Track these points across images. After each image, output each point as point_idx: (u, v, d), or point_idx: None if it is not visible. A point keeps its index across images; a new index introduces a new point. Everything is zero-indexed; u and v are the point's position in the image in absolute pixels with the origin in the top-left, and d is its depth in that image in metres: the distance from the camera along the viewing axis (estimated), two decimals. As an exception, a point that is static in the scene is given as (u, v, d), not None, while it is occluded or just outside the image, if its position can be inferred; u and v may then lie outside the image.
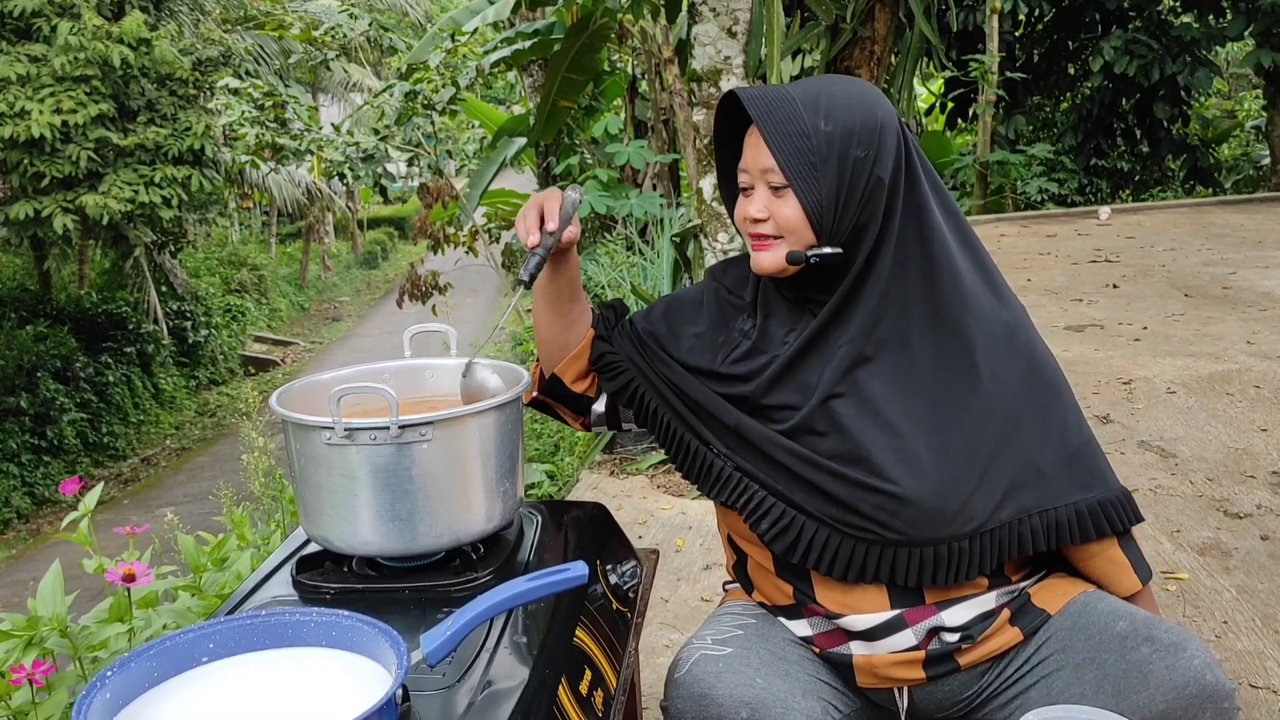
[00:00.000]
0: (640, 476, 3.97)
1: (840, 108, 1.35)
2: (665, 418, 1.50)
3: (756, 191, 1.40)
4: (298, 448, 1.33)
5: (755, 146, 1.38)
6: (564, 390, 1.55)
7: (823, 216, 1.35)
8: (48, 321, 14.53)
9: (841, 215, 1.35)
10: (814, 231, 1.36)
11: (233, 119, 14.07)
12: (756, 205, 1.39)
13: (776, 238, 1.39)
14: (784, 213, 1.37)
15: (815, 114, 1.34)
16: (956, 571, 1.35)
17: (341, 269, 25.78)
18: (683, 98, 4.22)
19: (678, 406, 1.48)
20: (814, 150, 1.33)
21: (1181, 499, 3.39)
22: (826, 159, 1.34)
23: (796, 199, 1.35)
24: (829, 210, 1.35)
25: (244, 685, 1.02)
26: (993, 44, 12.61)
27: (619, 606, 1.44)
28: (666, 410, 1.49)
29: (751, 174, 1.39)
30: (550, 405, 1.59)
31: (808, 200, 1.35)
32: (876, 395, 1.37)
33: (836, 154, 1.34)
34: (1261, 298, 6.46)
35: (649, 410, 1.51)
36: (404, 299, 8.18)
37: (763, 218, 1.38)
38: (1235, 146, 15.95)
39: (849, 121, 1.35)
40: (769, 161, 1.36)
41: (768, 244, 1.39)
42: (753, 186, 1.40)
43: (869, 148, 1.35)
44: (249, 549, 2.25)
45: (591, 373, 1.54)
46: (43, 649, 1.68)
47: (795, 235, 1.37)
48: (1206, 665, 1.27)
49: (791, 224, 1.36)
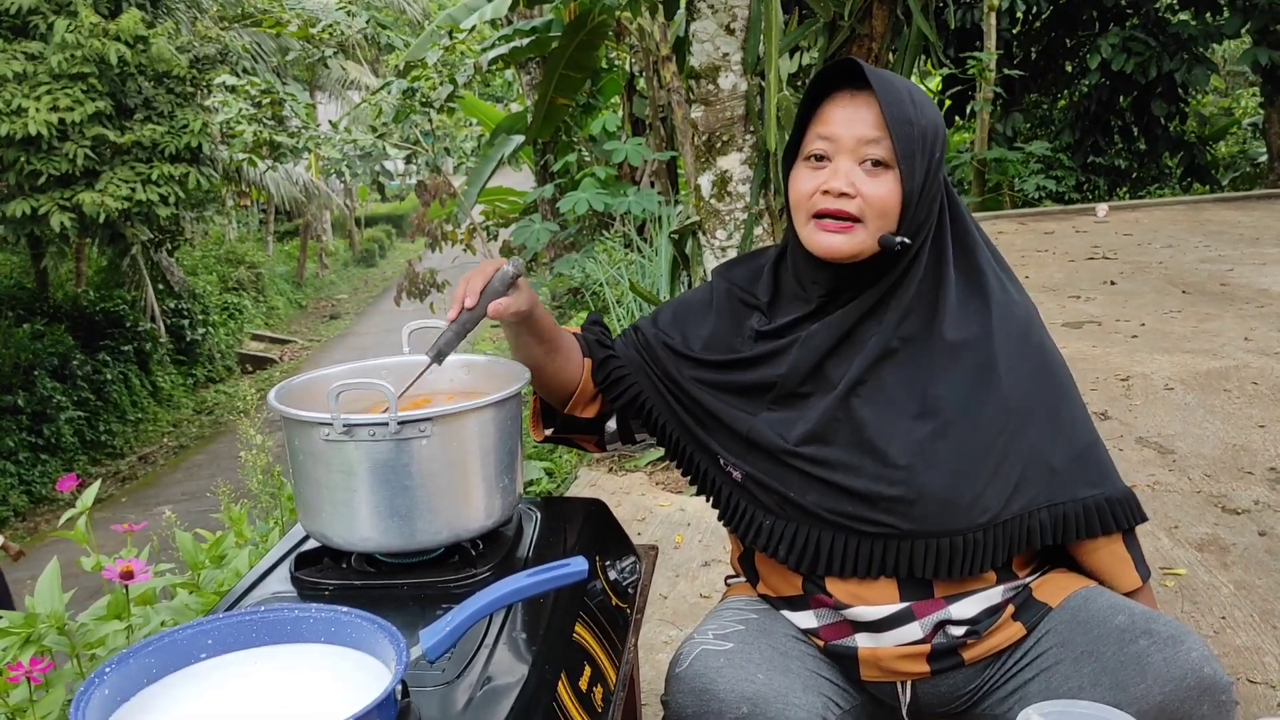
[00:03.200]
0: (639, 473, 3.97)
1: (928, 107, 1.37)
2: (674, 433, 1.50)
3: (840, 164, 1.35)
4: (296, 444, 1.33)
5: (852, 119, 1.34)
6: (578, 422, 1.55)
7: (911, 204, 1.34)
8: (45, 320, 14.50)
9: (921, 207, 1.36)
10: (899, 218, 1.35)
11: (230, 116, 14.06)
12: (843, 178, 1.34)
13: (856, 220, 1.35)
14: (877, 192, 1.33)
15: (914, 105, 1.34)
16: (969, 563, 1.35)
17: (339, 267, 25.76)
18: (680, 95, 4.21)
19: (685, 419, 1.48)
20: (915, 139, 1.33)
21: (1179, 495, 3.39)
22: (923, 150, 1.34)
23: (896, 180, 1.33)
24: (917, 199, 1.34)
25: (243, 681, 1.02)
26: (990, 41, 12.62)
27: (618, 602, 1.44)
28: (675, 424, 1.49)
29: (840, 143, 1.34)
30: (568, 438, 1.59)
31: (907, 183, 1.33)
32: (895, 387, 1.38)
33: (928, 148, 1.34)
34: (1259, 294, 6.47)
35: (657, 424, 1.51)
36: (402, 296, 8.18)
37: (850, 193, 1.34)
38: (1232, 144, 15.96)
39: (934, 121, 1.36)
40: (873, 133, 1.33)
41: (846, 227, 1.35)
42: (829, 159, 1.36)
43: (940, 150, 1.37)
44: (247, 546, 2.25)
45: (599, 395, 1.54)
46: (40, 646, 1.67)
47: (883, 219, 1.34)
48: (1204, 658, 1.27)
49: (883, 205, 1.33)
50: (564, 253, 8.25)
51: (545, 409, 1.57)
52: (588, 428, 1.56)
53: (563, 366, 1.49)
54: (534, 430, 1.58)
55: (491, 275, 1.33)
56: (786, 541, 1.40)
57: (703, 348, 1.48)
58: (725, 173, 3.82)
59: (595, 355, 1.52)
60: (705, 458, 1.48)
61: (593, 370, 1.52)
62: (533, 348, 1.45)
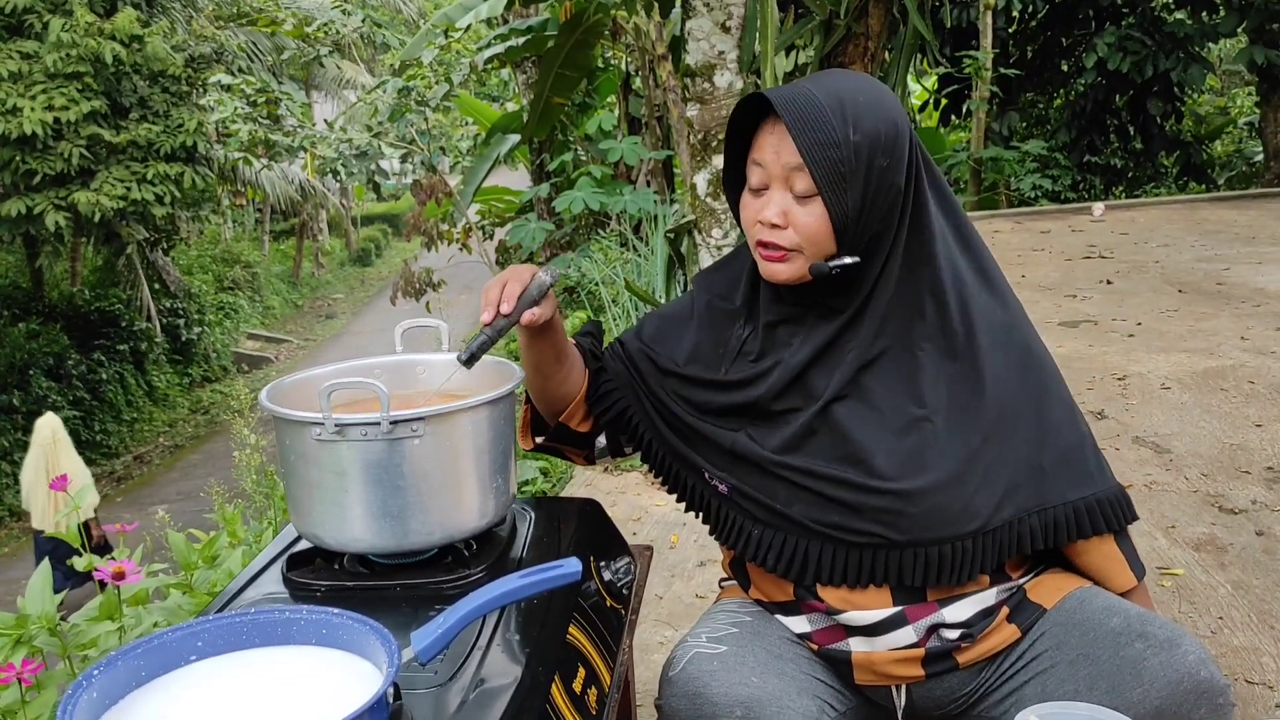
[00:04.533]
0: (634, 473, 3.96)
1: (866, 116, 1.31)
2: (659, 450, 1.49)
3: (773, 194, 1.34)
4: (288, 444, 1.32)
5: (778, 145, 1.32)
6: (570, 433, 1.53)
7: (847, 228, 1.31)
8: (40, 319, 14.48)
9: (863, 226, 1.32)
10: (836, 242, 1.32)
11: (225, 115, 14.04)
12: (774, 210, 1.33)
13: (793, 250, 1.33)
14: (806, 222, 1.32)
15: (844, 122, 1.29)
16: (960, 571, 1.34)
17: (335, 266, 25.75)
18: (676, 94, 4.20)
19: (669, 437, 1.47)
20: (844, 161, 1.29)
21: (1176, 495, 3.38)
22: (855, 170, 1.29)
23: (824, 209, 1.31)
24: (853, 221, 1.31)
25: (233, 684, 1.01)
26: (986, 40, 12.63)
27: (613, 603, 1.43)
28: (660, 443, 1.49)
29: (770, 171, 1.33)
30: (556, 448, 1.58)
31: (835, 211, 1.30)
32: (879, 395, 1.36)
33: (864, 164, 1.30)
34: (1255, 293, 6.47)
35: (642, 440, 1.51)
36: (398, 296, 8.18)
37: (781, 225, 1.33)
38: (1228, 143, 16.00)
39: (875, 131, 1.31)
40: (795, 160, 1.30)
41: (782, 255, 1.34)
42: (767, 186, 1.35)
43: (890, 157, 1.32)
44: (240, 547, 2.24)
45: (590, 410, 1.53)
46: (31, 647, 1.66)
47: (816, 247, 1.33)
48: (1201, 661, 1.26)
49: (814, 234, 1.32)
50: (560, 252, 8.24)
51: (535, 419, 1.56)
52: (580, 441, 1.55)
53: (568, 376, 1.48)
54: (523, 439, 1.57)
55: (529, 283, 1.32)
56: (775, 551, 1.39)
57: (686, 361, 1.47)
58: (721, 171, 3.81)
59: (588, 366, 1.51)
60: (690, 472, 1.47)
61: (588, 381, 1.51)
62: (546, 356, 1.44)
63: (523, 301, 1.30)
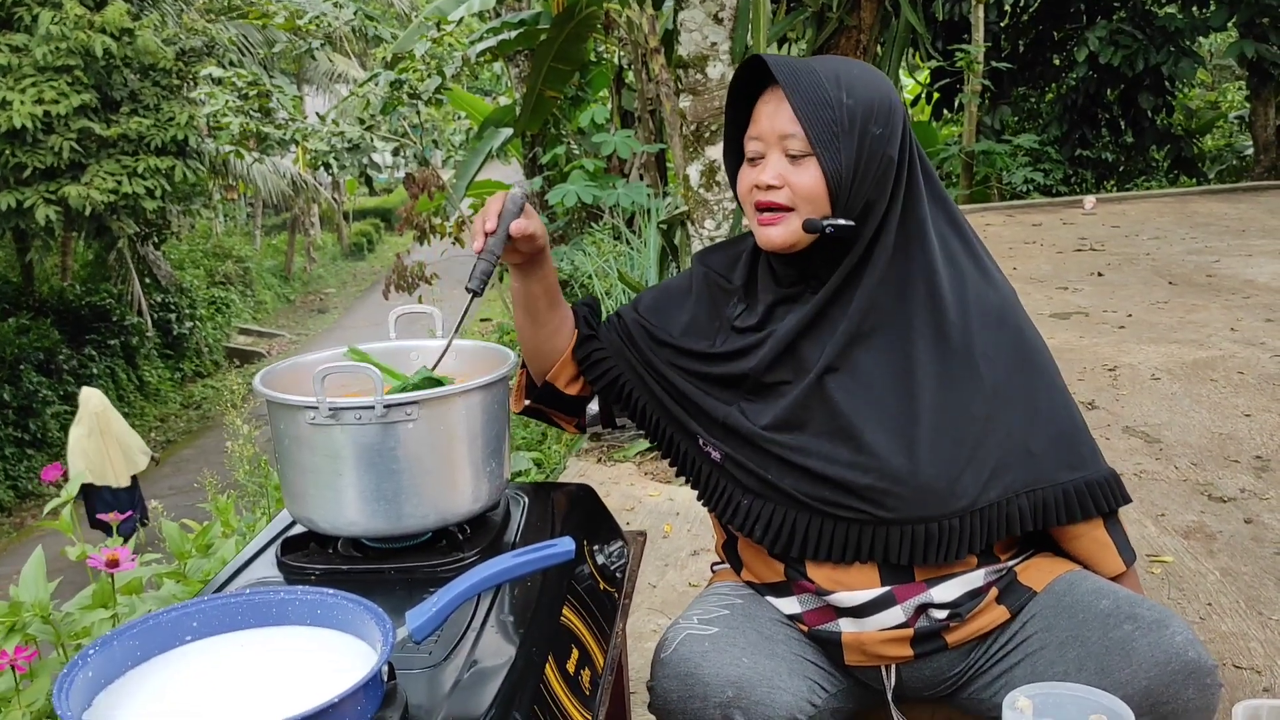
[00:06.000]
0: (627, 464, 3.96)
1: (859, 85, 1.36)
2: (654, 415, 1.51)
3: (770, 159, 1.37)
4: (282, 428, 1.32)
5: (774, 114, 1.36)
6: (557, 395, 1.55)
7: (840, 187, 1.34)
8: (30, 314, 14.43)
9: (856, 189, 1.35)
10: (830, 202, 1.35)
11: (216, 108, 13.98)
12: (770, 172, 1.36)
13: (787, 209, 1.36)
14: (801, 180, 1.35)
15: (837, 87, 1.34)
16: (946, 550, 1.35)
17: (327, 261, 25.69)
18: (669, 87, 4.20)
19: (666, 402, 1.48)
20: (836, 121, 1.33)
21: (1166, 483, 3.40)
22: (848, 130, 1.33)
23: (818, 167, 1.34)
24: (847, 181, 1.34)
25: (227, 664, 1.02)
26: (978, 34, 12.63)
27: (606, 586, 1.44)
28: (655, 407, 1.50)
29: (766, 141, 1.37)
30: (543, 412, 1.59)
31: (829, 168, 1.33)
32: (871, 372, 1.38)
33: (858, 127, 1.34)
34: (1245, 285, 6.50)
35: (637, 406, 1.52)
36: (390, 290, 8.16)
37: (777, 184, 1.36)
38: (1219, 137, 16.02)
39: (868, 98, 1.35)
40: (790, 128, 1.34)
41: (778, 217, 1.37)
42: (763, 156, 1.38)
43: (884, 126, 1.36)
44: (234, 536, 2.24)
45: (582, 376, 1.54)
46: (25, 635, 1.66)
47: (812, 205, 1.36)
48: (1188, 642, 1.27)
49: (809, 192, 1.35)
50: (552, 245, 8.24)
51: (529, 383, 1.58)
52: (569, 406, 1.57)
53: (559, 328, 1.51)
54: (514, 403, 1.58)
55: (504, 200, 1.36)
56: (764, 522, 1.40)
57: (681, 334, 1.49)
58: (714, 162, 3.82)
59: (581, 330, 1.53)
60: (685, 438, 1.48)
61: (574, 348, 1.52)
62: (538, 298, 1.46)
63: (505, 217, 1.35)
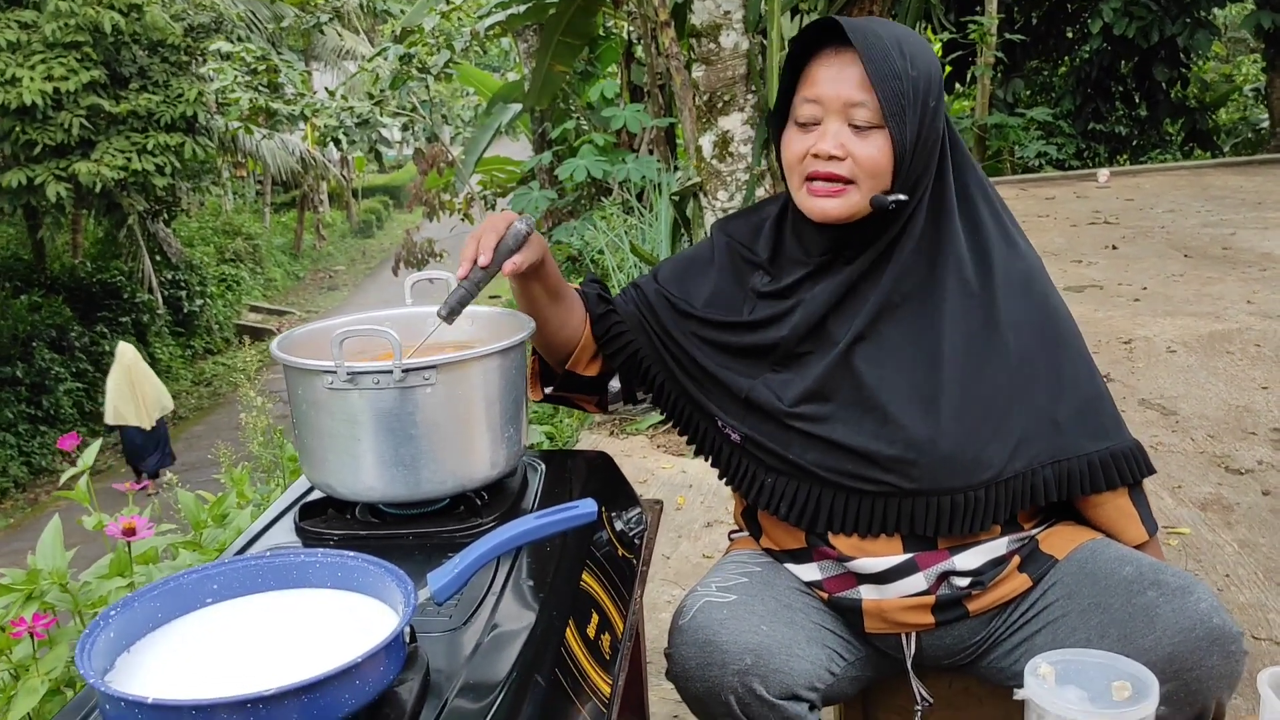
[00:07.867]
0: (640, 436, 3.96)
1: (920, 55, 1.31)
2: (671, 393, 1.49)
3: (828, 126, 1.31)
4: (300, 393, 1.31)
5: (837, 78, 1.30)
6: (576, 378, 1.52)
7: (903, 161, 1.30)
8: (42, 291, 14.47)
9: (915, 163, 1.32)
10: (892, 177, 1.31)
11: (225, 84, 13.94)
12: (831, 141, 1.31)
13: (848, 182, 1.32)
14: (867, 152, 1.30)
15: (903, 57, 1.29)
16: (971, 522, 1.34)
17: (336, 238, 25.67)
18: (679, 61, 4.16)
19: (683, 380, 1.46)
20: (904, 94, 1.28)
21: (1183, 455, 3.38)
22: (913, 103, 1.29)
23: (885, 139, 1.30)
24: (909, 155, 1.30)
25: (248, 626, 1.01)
26: (991, 6, 12.51)
27: (624, 553, 1.43)
28: (673, 385, 1.48)
29: (828, 107, 1.31)
30: (567, 397, 1.57)
31: (898, 141, 1.29)
32: (897, 343, 1.36)
33: (920, 100, 1.30)
34: (1261, 258, 6.45)
35: (654, 383, 1.50)
36: (400, 267, 8.16)
37: (840, 155, 1.31)
38: (1234, 110, 15.88)
39: (928, 70, 1.31)
40: (860, 95, 1.29)
41: (838, 190, 1.32)
42: (818, 122, 1.33)
43: (937, 100, 1.32)
44: (249, 506, 2.24)
45: (600, 352, 1.52)
46: (43, 603, 1.67)
47: (875, 179, 1.31)
48: (1213, 609, 1.26)
49: (875, 165, 1.30)
50: (562, 220, 8.21)
51: (544, 369, 1.56)
52: (589, 387, 1.54)
53: (566, 320, 1.47)
54: (532, 390, 1.56)
55: (504, 233, 1.31)
56: (788, 499, 1.39)
57: (705, 305, 1.46)
58: (727, 133, 3.79)
59: (594, 310, 1.50)
60: (703, 418, 1.47)
61: (592, 325, 1.50)
62: (540, 298, 1.43)
63: (500, 252, 1.30)
